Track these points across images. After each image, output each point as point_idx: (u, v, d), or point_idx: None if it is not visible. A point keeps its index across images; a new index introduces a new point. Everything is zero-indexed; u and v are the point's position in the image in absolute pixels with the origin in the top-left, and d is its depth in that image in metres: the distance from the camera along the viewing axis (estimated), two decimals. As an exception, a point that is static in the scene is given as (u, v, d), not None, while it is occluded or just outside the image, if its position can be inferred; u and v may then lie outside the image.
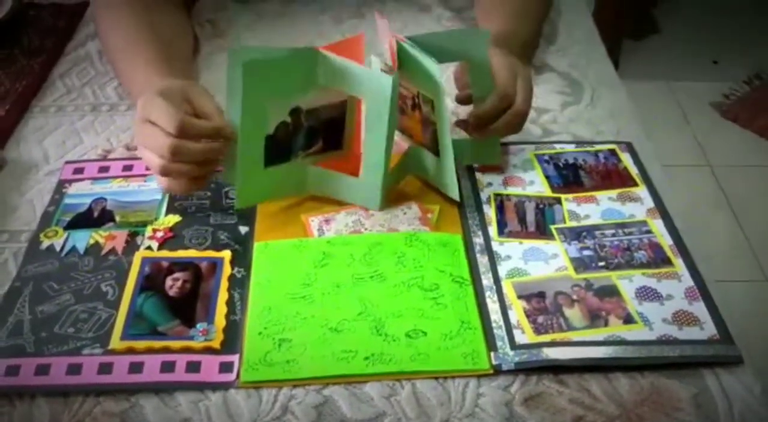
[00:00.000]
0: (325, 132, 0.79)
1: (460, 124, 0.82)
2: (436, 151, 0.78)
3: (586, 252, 0.74)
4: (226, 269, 0.72)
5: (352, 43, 0.76)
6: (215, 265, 0.72)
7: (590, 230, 0.76)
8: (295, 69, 0.72)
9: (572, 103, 0.95)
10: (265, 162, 0.75)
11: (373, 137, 0.75)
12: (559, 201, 0.80)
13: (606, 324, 0.67)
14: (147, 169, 0.82)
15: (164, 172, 0.71)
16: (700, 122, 2.18)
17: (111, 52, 0.93)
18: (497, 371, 0.64)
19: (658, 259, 0.73)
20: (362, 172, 0.77)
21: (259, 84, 0.70)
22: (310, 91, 0.75)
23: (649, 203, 0.79)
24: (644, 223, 0.77)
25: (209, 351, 0.65)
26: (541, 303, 0.69)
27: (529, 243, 0.75)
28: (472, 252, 0.74)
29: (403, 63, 0.74)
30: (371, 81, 0.72)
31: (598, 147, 0.87)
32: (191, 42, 1.02)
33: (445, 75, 0.69)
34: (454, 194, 0.78)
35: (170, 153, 0.69)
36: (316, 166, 0.79)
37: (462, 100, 0.82)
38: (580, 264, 0.72)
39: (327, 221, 0.78)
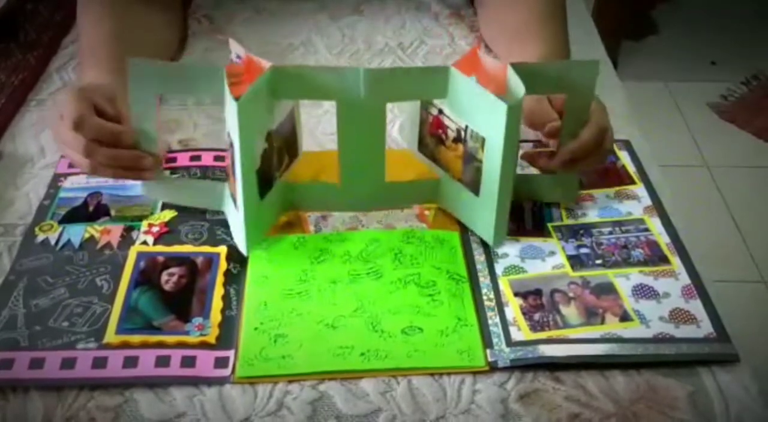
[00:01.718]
0: (287, 145, 0.77)
1: (532, 158, 0.77)
2: (474, 189, 0.73)
3: (583, 250, 0.74)
4: (222, 265, 0.72)
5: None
6: (211, 260, 0.72)
7: (587, 228, 0.76)
8: (265, 92, 0.69)
9: (570, 101, 0.95)
10: (260, 195, 0.72)
11: (348, 137, 0.72)
12: (556, 199, 0.80)
13: (602, 322, 0.67)
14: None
15: (86, 170, 0.73)
16: (698, 123, 2.18)
17: (80, 49, 0.92)
18: (493, 368, 0.64)
19: (655, 257, 0.73)
20: (340, 177, 0.75)
21: (252, 121, 0.66)
22: (273, 111, 0.72)
23: (647, 201, 0.79)
24: (641, 221, 0.77)
25: (204, 345, 0.65)
26: (538, 301, 0.69)
27: (526, 241, 0.75)
28: (469, 249, 0.74)
29: (454, 92, 0.70)
30: (338, 78, 0.69)
31: (595, 145, 0.86)
32: (173, 43, 1.00)
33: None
34: (489, 238, 0.73)
35: (85, 153, 0.71)
36: (291, 181, 0.78)
37: (552, 134, 0.75)
38: (577, 262, 0.72)
39: (324, 217, 0.78)
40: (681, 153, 2.07)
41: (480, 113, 0.69)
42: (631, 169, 0.83)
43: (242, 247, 0.73)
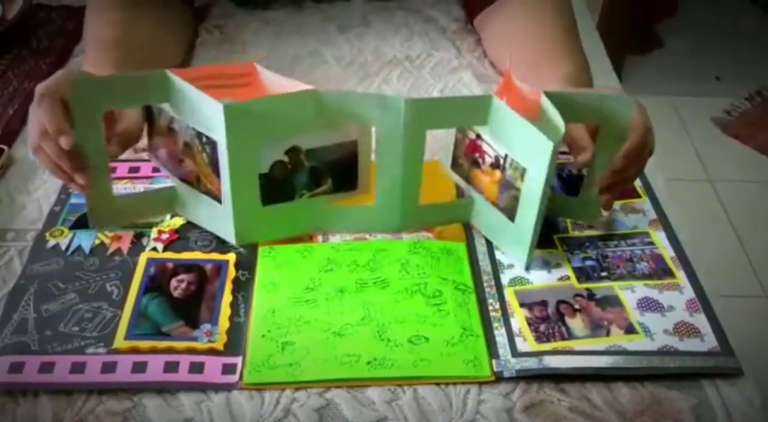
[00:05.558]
0: (334, 173, 0.76)
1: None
2: (510, 215, 0.73)
3: (589, 262, 0.74)
4: (231, 272, 0.72)
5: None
6: (220, 267, 0.73)
7: (593, 241, 0.77)
8: (288, 111, 0.70)
9: (576, 114, 0.95)
10: (263, 201, 0.74)
11: (387, 161, 0.73)
12: (562, 211, 0.80)
13: (607, 334, 0.67)
14: (153, 170, 0.83)
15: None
16: (702, 138, 2.19)
17: (85, 53, 0.91)
18: (498, 378, 0.64)
19: (660, 270, 0.73)
20: (376, 198, 0.76)
21: (242, 125, 0.68)
22: (311, 131, 0.72)
23: (652, 214, 0.80)
24: (646, 234, 0.77)
25: (213, 352, 0.65)
26: (543, 312, 0.69)
27: (532, 252, 0.76)
28: (475, 260, 0.75)
29: (496, 121, 0.71)
30: (380, 104, 0.70)
31: (601, 159, 0.87)
32: (180, 50, 1.01)
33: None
34: (522, 262, 0.74)
35: (34, 140, 0.72)
36: (325, 202, 0.77)
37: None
38: (582, 274, 0.73)
39: (331, 226, 0.79)
40: (684, 167, 2.08)
41: (522, 145, 0.69)
42: (637, 183, 0.84)
43: (230, 237, 0.75)
